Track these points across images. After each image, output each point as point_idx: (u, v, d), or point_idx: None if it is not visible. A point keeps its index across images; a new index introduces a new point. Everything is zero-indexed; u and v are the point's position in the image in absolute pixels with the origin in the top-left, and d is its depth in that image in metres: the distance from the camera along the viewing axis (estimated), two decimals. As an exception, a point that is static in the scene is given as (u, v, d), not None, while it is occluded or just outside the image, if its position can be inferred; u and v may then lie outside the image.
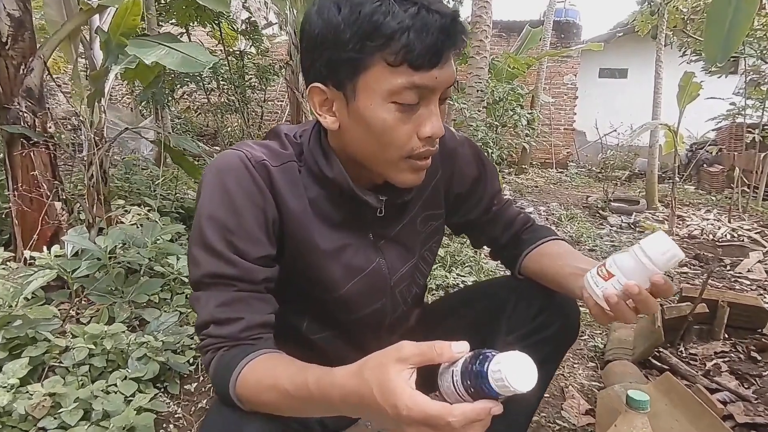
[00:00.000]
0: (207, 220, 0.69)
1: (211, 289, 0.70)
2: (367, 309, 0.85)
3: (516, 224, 0.97)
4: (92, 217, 1.80)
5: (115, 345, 1.25)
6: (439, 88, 0.66)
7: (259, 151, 0.74)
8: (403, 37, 0.61)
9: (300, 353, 0.88)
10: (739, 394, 1.52)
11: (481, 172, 0.94)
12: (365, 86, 0.65)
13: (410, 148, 0.69)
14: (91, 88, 1.66)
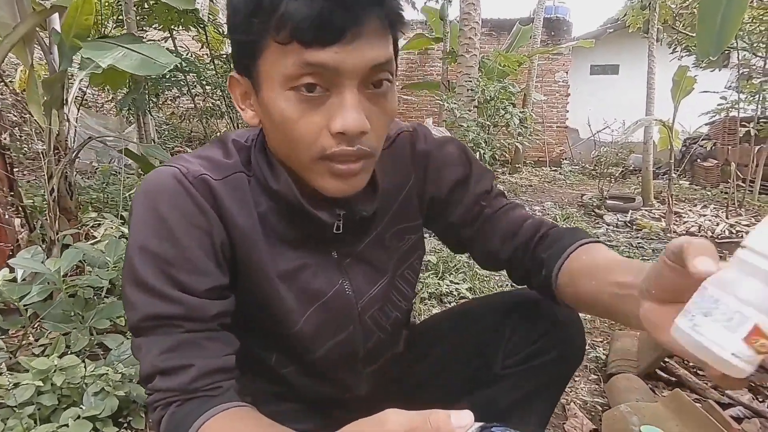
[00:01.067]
0: (139, 254, 0.58)
1: (153, 333, 0.58)
2: (329, 342, 0.73)
3: (523, 233, 0.75)
4: (54, 233, 1.67)
5: (67, 380, 1.13)
6: (348, 71, 0.54)
7: (196, 164, 0.62)
8: (282, 10, 0.51)
9: (272, 388, 0.77)
10: (754, 410, 1.41)
11: (466, 172, 0.80)
12: (264, 72, 0.56)
13: (321, 146, 0.56)
14: (48, 94, 1.54)
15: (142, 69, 1.53)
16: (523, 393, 0.82)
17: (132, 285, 0.58)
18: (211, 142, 0.70)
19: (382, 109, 0.59)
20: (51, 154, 1.67)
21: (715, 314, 0.36)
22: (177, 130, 7.70)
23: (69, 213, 1.88)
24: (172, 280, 0.58)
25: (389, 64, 0.57)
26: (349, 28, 0.52)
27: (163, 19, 4.92)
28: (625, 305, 0.53)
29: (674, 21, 6.72)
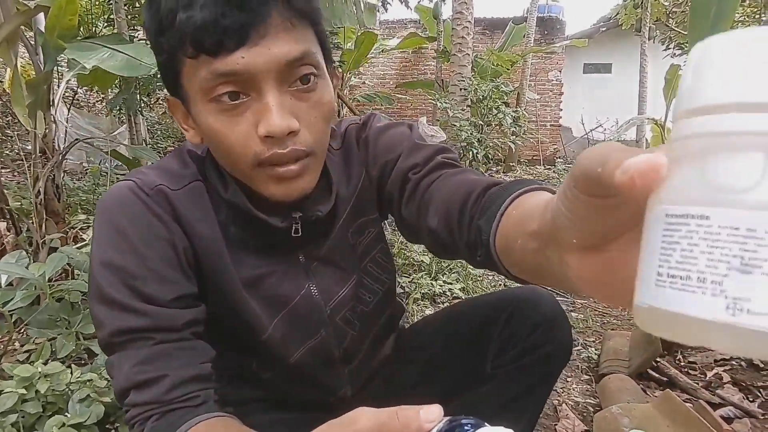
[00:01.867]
0: (101, 269, 0.58)
1: (125, 348, 0.58)
2: (302, 347, 0.72)
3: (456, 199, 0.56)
4: (40, 237, 1.65)
5: (51, 387, 1.11)
6: (261, 72, 0.52)
7: (153, 175, 0.62)
8: (177, 23, 0.50)
9: (258, 394, 0.77)
10: (744, 410, 1.41)
11: (401, 151, 0.69)
12: (187, 89, 0.56)
13: (254, 153, 0.55)
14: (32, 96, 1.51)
15: (127, 70, 1.51)
16: (513, 391, 0.82)
17: (98, 302, 0.58)
18: (168, 155, 0.70)
19: (313, 104, 0.57)
20: (37, 157, 1.65)
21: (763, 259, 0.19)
22: (170, 130, 7.65)
23: (56, 216, 1.85)
24: (137, 292, 0.57)
25: (309, 57, 0.55)
26: (250, 29, 0.50)
27: (155, 18, 4.88)
28: (550, 264, 0.35)
29: (667, 18, 6.75)
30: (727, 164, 0.20)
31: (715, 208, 0.20)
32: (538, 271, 0.41)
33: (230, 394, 0.78)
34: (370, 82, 9.40)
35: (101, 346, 0.60)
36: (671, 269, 0.21)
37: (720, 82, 0.21)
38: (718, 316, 0.19)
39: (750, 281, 0.19)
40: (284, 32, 0.52)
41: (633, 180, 0.22)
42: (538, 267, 0.39)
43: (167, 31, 0.52)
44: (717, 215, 0.20)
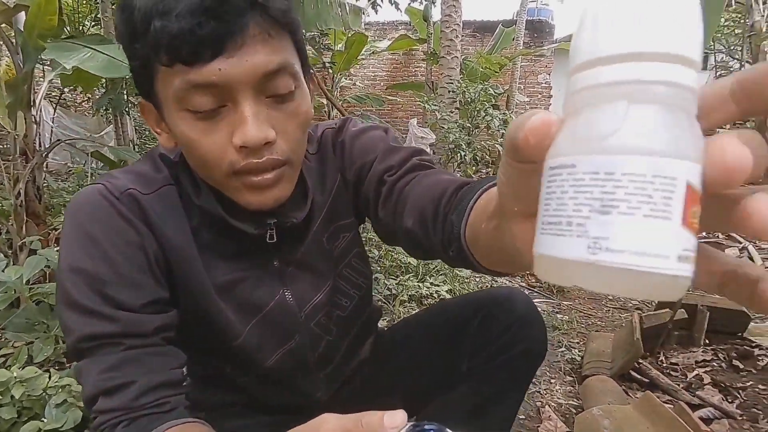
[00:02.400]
0: (69, 274, 0.57)
1: (93, 354, 0.57)
2: (277, 352, 0.72)
3: (430, 200, 0.56)
4: (20, 239, 1.62)
5: (27, 392, 1.09)
6: (238, 83, 0.51)
7: (124, 179, 0.61)
8: (152, 31, 0.48)
9: (234, 398, 0.77)
10: (723, 410, 1.43)
11: (376, 154, 0.70)
12: (161, 95, 0.54)
13: (229, 162, 0.54)
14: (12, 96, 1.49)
15: (108, 71, 1.49)
16: (490, 391, 0.82)
17: (66, 307, 0.57)
18: (140, 158, 0.69)
19: (290, 113, 0.56)
20: (17, 158, 1.62)
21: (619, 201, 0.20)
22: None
23: (37, 217, 1.83)
24: (107, 297, 0.56)
25: (287, 68, 0.54)
26: (227, 40, 0.49)
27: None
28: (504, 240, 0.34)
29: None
30: (592, 114, 0.21)
31: (580, 156, 0.21)
32: (500, 256, 0.42)
33: (205, 397, 0.78)
34: (361, 84, 9.40)
35: (69, 352, 0.59)
36: (549, 217, 0.22)
37: (588, 41, 0.22)
38: (582, 256, 0.20)
39: (608, 221, 0.20)
40: (262, 43, 0.51)
41: (527, 138, 0.23)
42: (499, 250, 0.38)
43: (141, 38, 0.50)
44: (581, 162, 0.21)
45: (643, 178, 0.19)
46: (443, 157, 4.03)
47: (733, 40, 6.11)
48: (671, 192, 0.19)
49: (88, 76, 2.17)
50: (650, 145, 0.20)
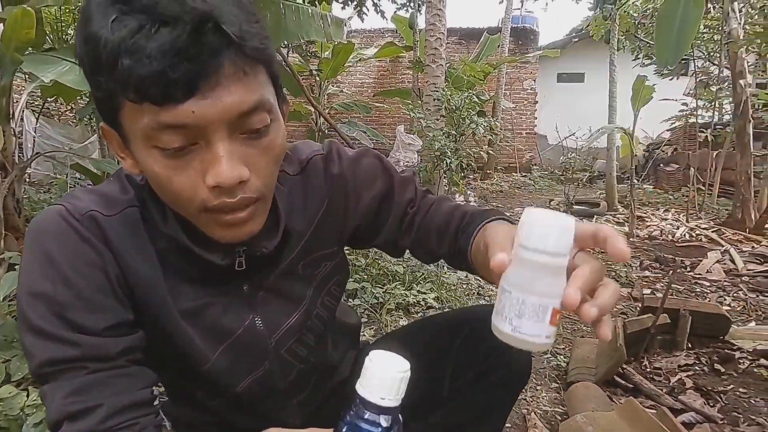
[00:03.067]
0: (29, 299, 0.55)
1: (56, 379, 0.55)
2: (245, 380, 0.70)
3: (452, 226, 0.75)
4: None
5: (4, 411, 1.07)
6: (211, 124, 0.49)
7: (86, 200, 0.60)
8: (120, 67, 0.45)
9: (203, 418, 0.75)
10: (705, 415, 1.45)
11: (388, 184, 0.78)
12: (127, 128, 0.51)
13: (201, 200, 0.52)
14: (-11, 109, 1.47)
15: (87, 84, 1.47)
16: (473, 414, 0.81)
17: (26, 331, 0.55)
18: (108, 178, 0.67)
19: (264, 149, 0.55)
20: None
21: (525, 313, 0.44)
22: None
23: (17, 231, 1.80)
24: (67, 321, 0.55)
25: (262, 105, 0.52)
26: (200, 81, 0.46)
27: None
28: None
29: (635, 30, 6.94)
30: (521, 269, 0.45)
31: (513, 289, 0.45)
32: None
33: (179, 415, 0.77)
34: (348, 91, 9.42)
35: (33, 376, 0.58)
36: (499, 310, 0.46)
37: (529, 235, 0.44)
38: (509, 332, 0.45)
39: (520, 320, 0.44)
40: (236, 81, 0.49)
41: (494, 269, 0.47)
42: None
43: (107, 73, 0.47)
44: (513, 291, 0.45)
45: (534, 306, 0.44)
46: (429, 165, 4.04)
47: (712, 47, 6.24)
48: (546, 311, 0.44)
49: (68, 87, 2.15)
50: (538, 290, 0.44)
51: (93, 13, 0.47)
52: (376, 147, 7.60)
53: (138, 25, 0.45)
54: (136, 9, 0.45)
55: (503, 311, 0.45)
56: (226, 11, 0.47)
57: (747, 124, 4.21)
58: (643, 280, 3.02)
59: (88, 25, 0.47)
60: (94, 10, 0.47)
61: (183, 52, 0.45)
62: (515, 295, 0.44)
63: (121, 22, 0.45)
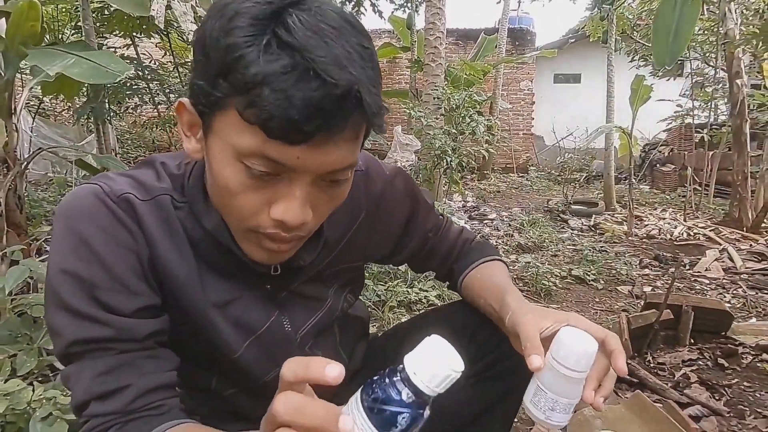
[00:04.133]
0: (61, 277, 0.54)
1: (84, 359, 0.55)
2: (271, 374, 0.70)
3: (453, 253, 0.89)
4: (0, 249, 1.58)
5: (11, 406, 1.06)
6: (305, 171, 0.50)
7: (121, 183, 0.59)
8: (255, 92, 0.45)
9: (213, 406, 0.74)
10: (711, 408, 1.45)
11: (414, 208, 0.81)
12: (218, 128, 0.50)
13: (257, 223, 0.53)
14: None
15: (94, 77, 1.46)
16: (485, 401, 0.82)
17: (56, 310, 0.55)
18: (138, 164, 0.66)
19: (333, 198, 0.56)
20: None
21: (557, 408, 0.58)
22: (140, 139, 7.49)
23: (18, 227, 1.78)
24: (99, 301, 0.54)
25: (353, 165, 0.53)
26: (318, 134, 0.47)
27: (123, 26, 4.78)
28: (499, 324, 0.73)
29: (632, 31, 6.99)
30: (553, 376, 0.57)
31: (549, 391, 0.57)
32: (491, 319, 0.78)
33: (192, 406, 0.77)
34: (346, 92, 9.41)
35: (58, 356, 0.57)
36: (533, 399, 0.59)
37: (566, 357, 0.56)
38: (542, 419, 0.58)
39: (551, 411, 0.57)
40: (345, 143, 0.50)
41: (531, 366, 0.58)
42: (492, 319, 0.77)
43: (234, 80, 0.46)
44: (550, 392, 0.57)
45: (564, 404, 0.57)
46: (429, 164, 4.05)
47: (708, 48, 6.29)
48: (572, 407, 0.58)
49: (70, 83, 2.13)
50: (568, 395, 0.57)
51: (241, 21, 0.46)
52: (373, 147, 7.60)
53: (291, 64, 0.44)
54: (293, 45, 0.45)
55: (539, 404, 0.58)
56: (369, 85, 0.48)
57: (744, 124, 4.24)
58: (643, 277, 3.04)
59: (232, 33, 0.46)
60: (244, 20, 0.46)
61: (322, 112, 0.45)
62: (550, 395, 0.58)
63: (274, 53, 0.45)
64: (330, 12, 0.48)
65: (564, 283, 2.90)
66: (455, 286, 0.88)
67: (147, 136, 7.35)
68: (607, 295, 2.75)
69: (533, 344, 0.60)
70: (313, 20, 0.46)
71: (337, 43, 0.46)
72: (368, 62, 0.49)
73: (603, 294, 2.77)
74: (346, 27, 0.48)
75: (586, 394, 0.58)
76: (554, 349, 0.58)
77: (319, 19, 0.47)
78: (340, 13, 0.49)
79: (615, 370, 0.59)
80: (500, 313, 0.71)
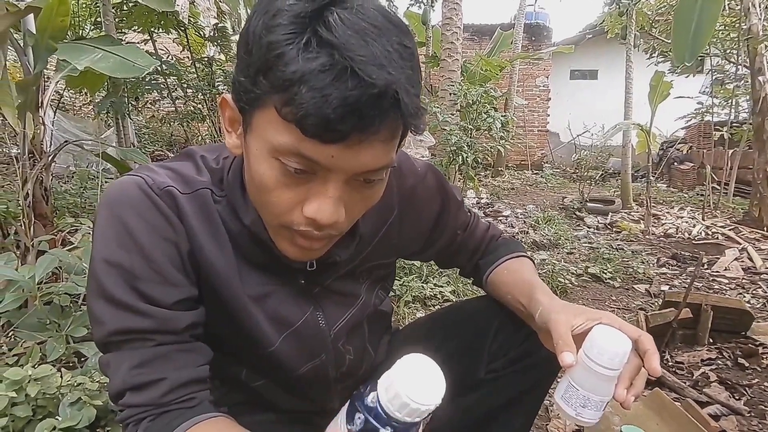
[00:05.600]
0: (104, 266, 0.56)
1: (122, 348, 0.57)
2: (304, 367, 0.72)
3: (480, 249, 0.90)
4: (29, 239, 1.62)
5: (42, 390, 1.09)
6: (339, 171, 0.50)
7: (163, 175, 0.61)
8: (293, 90, 0.45)
9: (241, 397, 0.76)
10: (731, 407, 1.44)
11: (444, 204, 0.82)
12: (257, 126, 0.51)
13: (290, 220, 0.54)
14: (22, 97, 1.50)
15: (121, 71, 1.49)
16: (509, 396, 0.82)
17: (98, 299, 0.56)
18: (177, 156, 0.67)
19: (366, 198, 0.57)
20: (26, 159, 1.62)
21: (588, 405, 0.59)
22: (157, 134, 7.58)
23: (44, 219, 1.83)
24: (140, 293, 0.56)
25: (388, 166, 0.54)
26: (354, 134, 0.47)
27: (143, 21, 4.84)
28: (528, 321, 0.76)
29: (651, 27, 6.88)
30: (585, 373, 0.59)
31: (581, 388, 0.59)
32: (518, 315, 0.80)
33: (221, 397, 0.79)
34: (360, 87, 9.40)
35: (97, 343, 0.59)
36: (564, 395, 0.60)
37: (600, 354, 0.58)
38: (573, 416, 0.60)
39: (583, 408, 0.59)
40: (381, 143, 0.50)
41: (562, 363, 0.60)
42: (519, 315, 0.79)
43: (274, 82, 0.46)
44: (581, 388, 0.59)
45: (596, 402, 0.59)
46: (444, 160, 4.04)
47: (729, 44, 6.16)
48: (603, 404, 0.59)
49: (93, 78, 2.18)
50: (600, 392, 0.58)
51: (283, 19, 0.47)
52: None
53: (329, 63, 0.44)
54: (332, 44, 0.45)
55: (570, 400, 0.60)
56: (408, 86, 0.48)
57: (766, 122, 4.15)
58: (660, 276, 3.01)
59: (274, 31, 0.46)
60: (285, 18, 0.47)
61: (359, 111, 0.45)
62: (582, 392, 0.59)
63: (313, 51, 0.45)
64: (372, 10, 0.48)
65: (580, 280, 2.88)
66: (480, 282, 0.88)
67: (164, 131, 7.44)
68: (624, 294, 2.73)
69: (565, 341, 0.61)
70: (354, 18, 0.46)
71: (377, 42, 0.46)
72: (408, 62, 0.49)
73: (620, 292, 2.75)
74: (387, 26, 0.48)
75: (618, 392, 0.58)
76: (587, 347, 0.59)
77: (360, 18, 0.47)
78: (382, 11, 0.49)
79: (649, 370, 0.60)
80: (529, 309, 0.72)
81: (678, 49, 2.87)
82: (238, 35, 0.54)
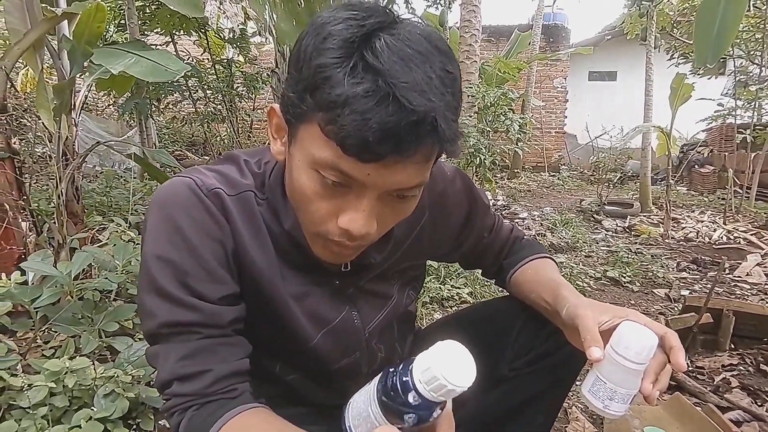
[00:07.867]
0: (156, 262, 0.60)
1: (171, 340, 0.60)
2: (339, 363, 0.75)
3: (504, 251, 0.93)
4: (62, 237, 1.68)
5: (78, 381, 1.14)
6: (374, 187, 0.53)
7: (211, 177, 0.64)
8: (337, 111, 0.48)
9: (273, 390, 0.79)
10: (753, 413, 1.43)
11: (472, 207, 0.84)
12: (301, 138, 0.54)
13: (324, 229, 0.58)
14: (58, 100, 1.56)
15: (153, 75, 1.55)
16: (531, 394, 0.84)
17: (150, 293, 0.60)
18: (221, 159, 0.71)
19: (399, 212, 0.60)
20: (60, 159, 1.69)
21: (615, 398, 0.60)
22: (178, 134, 7.71)
23: (76, 217, 1.89)
24: (189, 288, 0.59)
25: (421, 185, 0.56)
26: (390, 154, 0.49)
27: (165, 23, 4.94)
28: (552, 318, 0.77)
29: (672, 28, 6.79)
30: (613, 366, 0.60)
31: (608, 381, 0.61)
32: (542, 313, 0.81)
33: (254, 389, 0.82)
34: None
35: (146, 335, 0.62)
36: (591, 388, 0.62)
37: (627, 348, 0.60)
38: (600, 408, 0.61)
39: (611, 402, 0.61)
40: (415, 164, 0.52)
41: (591, 357, 0.61)
42: (544, 313, 0.80)
43: (321, 102, 0.49)
44: (608, 381, 0.61)
45: (623, 395, 0.60)
46: (462, 161, 4.05)
47: (753, 45, 6.06)
48: (630, 397, 0.61)
49: (121, 81, 2.25)
50: (627, 385, 0.60)
51: (332, 43, 0.49)
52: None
53: (372, 88, 0.47)
54: (377, 69, 0.47)
55: (597, 393, 0.62)
56: (446, 112, 0.50)
57: (791, 125, 4.07)
58: (680, 281, 2.98)
59: (323, 54, 0.49)
60: (335, 42, 0.49)
61: (397, 136, 0.48)
62: (609, 386, 0.61)
63: (358, 76, 0.48)
64: (418, 36, 0.50)
65: (598, 284, 2.87)
66: (503, 282, 0.91)
67: (184, 132, 7.57)
68: (643, 298, 2.71)
69: (593, 337, 0.63)
70: (399, 44, 0.49)
71: (420, 68, 0.48)
72: (449, 88, 0.51)
73: (639, 296, 2.73)
74: (431, 51, 0.50)
75: (645, 385, 0.60)
76: (614, 342, 0.61)
77: (406, 44, 0.49)
78: (427, 36, 0.51)
79: (675, 366, 0.61)
80: (555, 306, 0.73)
81: (700, 50, 2.82)
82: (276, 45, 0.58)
